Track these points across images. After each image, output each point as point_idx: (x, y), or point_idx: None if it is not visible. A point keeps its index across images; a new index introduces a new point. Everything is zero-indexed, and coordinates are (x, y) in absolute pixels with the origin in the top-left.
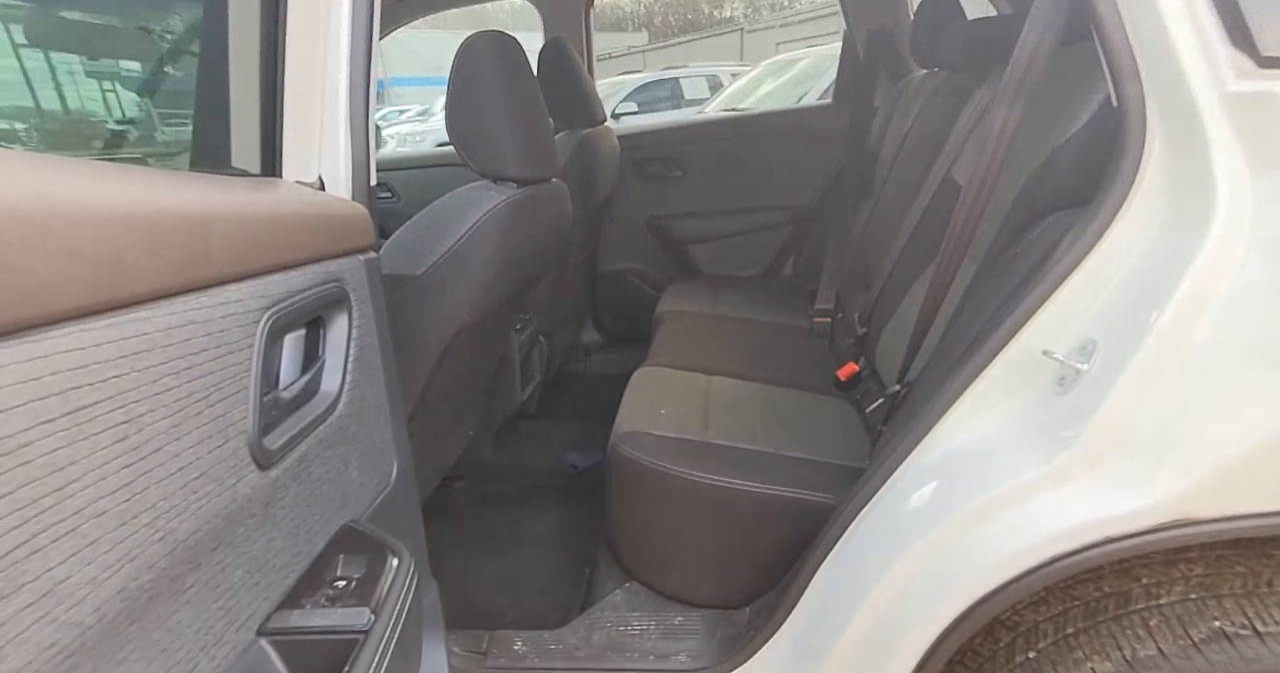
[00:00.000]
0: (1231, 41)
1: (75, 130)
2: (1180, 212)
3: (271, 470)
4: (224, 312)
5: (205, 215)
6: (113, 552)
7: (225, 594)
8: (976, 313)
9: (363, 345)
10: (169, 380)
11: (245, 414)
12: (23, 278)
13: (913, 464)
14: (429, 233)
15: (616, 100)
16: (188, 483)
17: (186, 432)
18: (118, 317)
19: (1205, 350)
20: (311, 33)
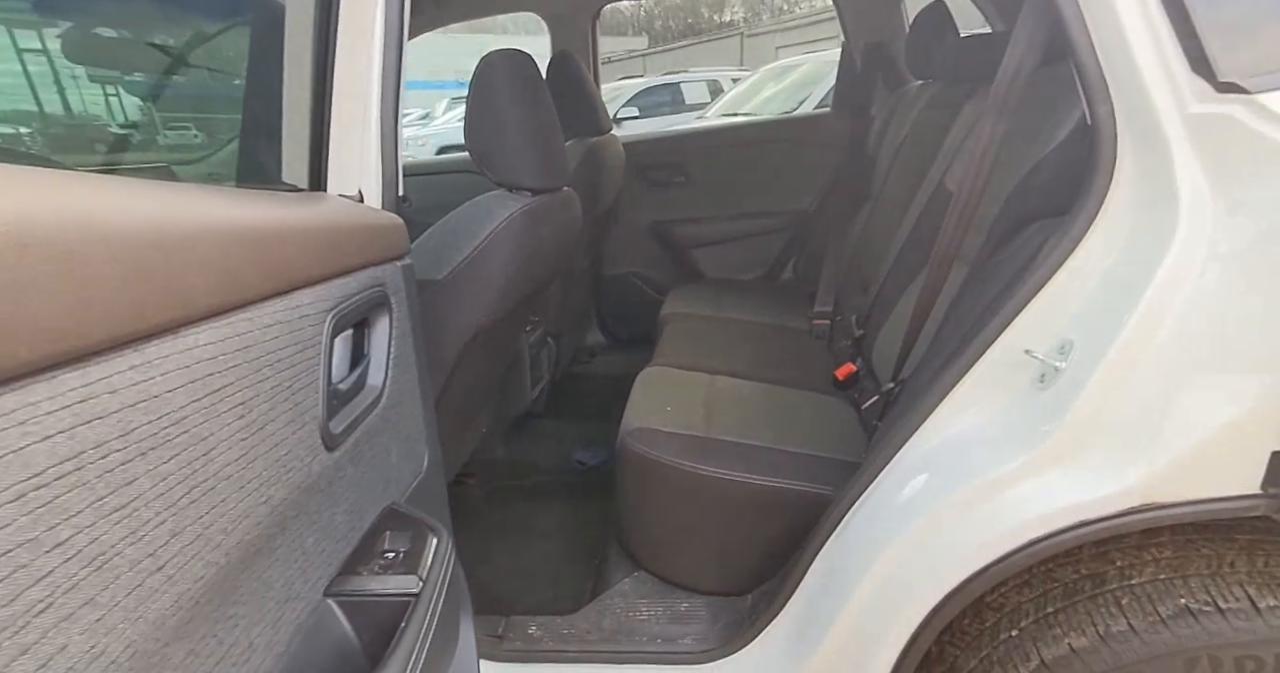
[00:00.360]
0: (1192, 68)
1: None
2: (1148, 223)
3: (335, 452)
4: (299, 313)
5: (282, 229)
6: (236, 509)
7: (301, 557)
8: (965, 315)
9: (400, 344)
10: (265, 372)
11: (316, 402)
12: (176, 287)
13: (905, 457)
14: (450, 239)
15: (618, 105)
16: (280, 458)
17: (279, 414)
18: (232, 317)
19: (1169, 350)
20: (354, 60)
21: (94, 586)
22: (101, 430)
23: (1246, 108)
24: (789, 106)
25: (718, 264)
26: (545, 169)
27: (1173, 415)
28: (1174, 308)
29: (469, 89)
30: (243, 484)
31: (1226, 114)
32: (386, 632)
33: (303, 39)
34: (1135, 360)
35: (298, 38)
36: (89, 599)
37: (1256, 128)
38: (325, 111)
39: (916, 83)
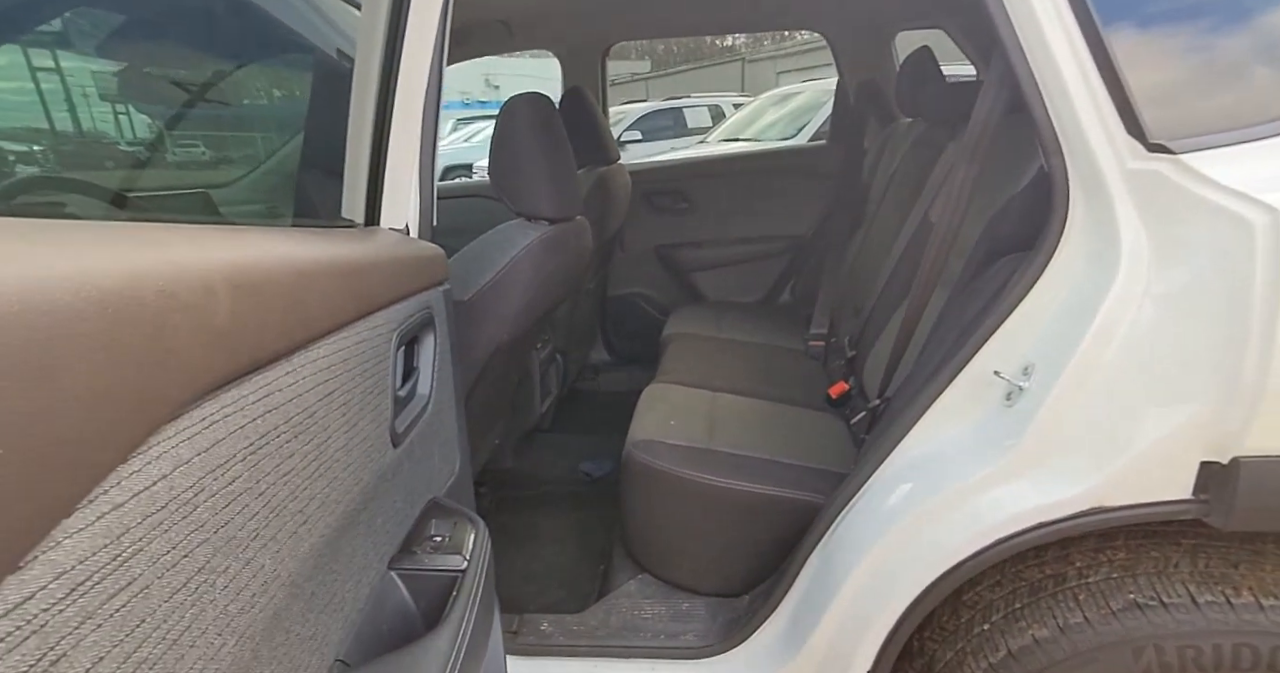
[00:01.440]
0: (1127, 130)
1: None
2: (1096, 262)
3: (398, 449)
4: (377, 332)
5: (361, 263)
6: (343, 485)
7: (373, 534)
8: (944, 337)
9: (441, 359)
10: (357, 380)
11: (387, 406)
12: (307, 311)
13: (889, 467)
14: (475, 265)
15: (622, 128)
16: (367, 449)
17: (365, 414)
18: (337, 335)
19: (1113, 374)
20: (409, 109)
21: (275, 526)
22: (276, 419)
23: (1173, 166)
24: (789, 133)
25: (718, 287)
26: (561, 200)
27: (1118, 430)
28: (1117, 338)
29: (494, 128)
30: (346, 466)
31: (1157, 171)
32: (438, 603)
33: (367, 91)
34: (1085, 382)
35: (362, 90)
36: (274, 535)
37: (1181, 183)
38: (382, 156)
39: (906, 120)
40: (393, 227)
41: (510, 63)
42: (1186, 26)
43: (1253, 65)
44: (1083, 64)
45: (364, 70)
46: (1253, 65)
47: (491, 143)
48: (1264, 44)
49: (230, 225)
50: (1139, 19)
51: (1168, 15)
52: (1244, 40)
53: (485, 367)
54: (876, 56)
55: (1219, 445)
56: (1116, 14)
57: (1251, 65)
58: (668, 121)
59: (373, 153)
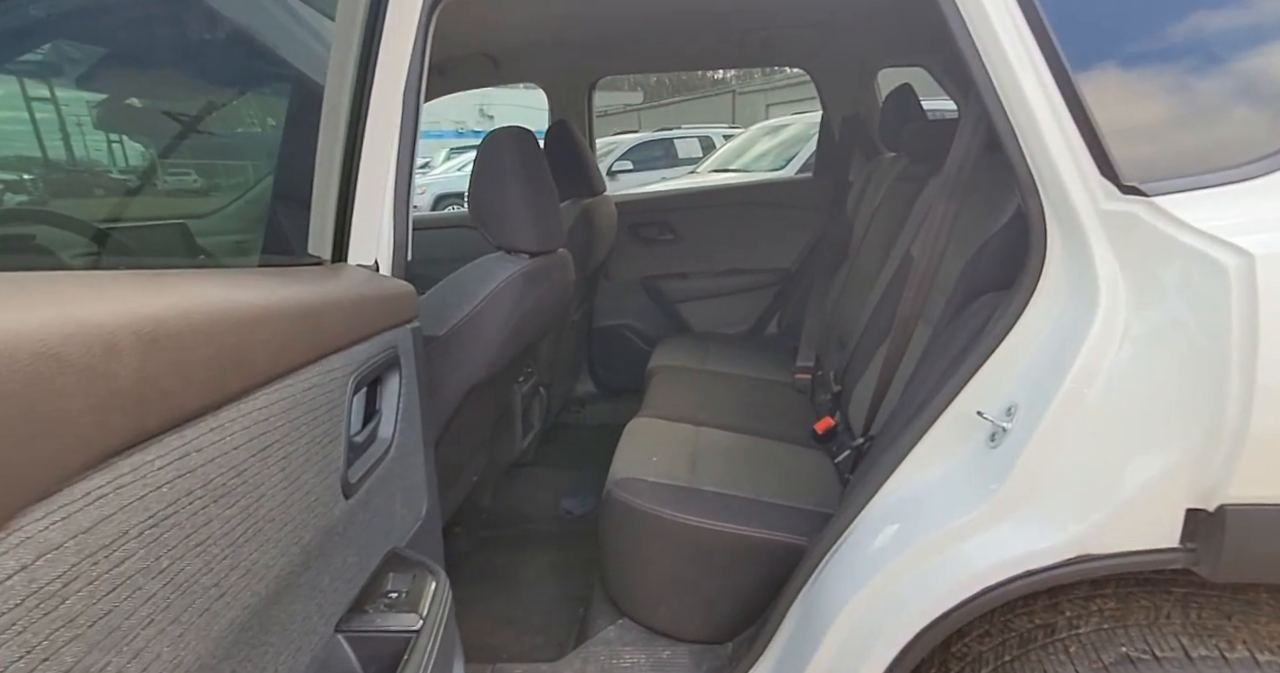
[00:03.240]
0: (1100, 172)
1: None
2: (1074, 301)
3: (351, 500)
4: (330, 377)
5: (318, 304)
6: (277, 548)
7: (318, 595)
8: (927, 376)
9: (408, 400)
10: (303, 429)
11: (339, 455)
12: (244, 360)
13: (872, 510)
14: (451, 299)
15: (613, 158)
16: (310, 504)
17: (311, 465)
18: (281, 383)
19: (1095, 416)
20: (380, 142)
21: (178, 606)
22: (191, 482)
23: (1147, 208)
24: (778, 164)
25: (705, 318)
26: (541, 233)
27: (1102, 475)
28: (1098, 379)
29: (474, 161)
30: (283, 526)
31: (1131, 213)
32: (389, 667)
33: (335, 122)
34: (1067, 424)
35: (331, 122)
36: (175, 618)
37: (1156, 226)
38: (351, 190)
39: (889, 154)
40: (361, 263)
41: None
42: (1157, 68)
43: (1224, 107)
44: (1054, 105)
45: (334, 100)
46: (1224, 107)
47: (471, 175)
48: (1235, 87)
49: (171, 270)
50: (1109, 60)
51: (1139, 57)
52: (1215, 83)
53: (461, 404)
54: (860, 92)
55: (1204, 492)
56: (1087, 55)
57: (1223, 107)
58: (659, 152)
59: (341, 187)
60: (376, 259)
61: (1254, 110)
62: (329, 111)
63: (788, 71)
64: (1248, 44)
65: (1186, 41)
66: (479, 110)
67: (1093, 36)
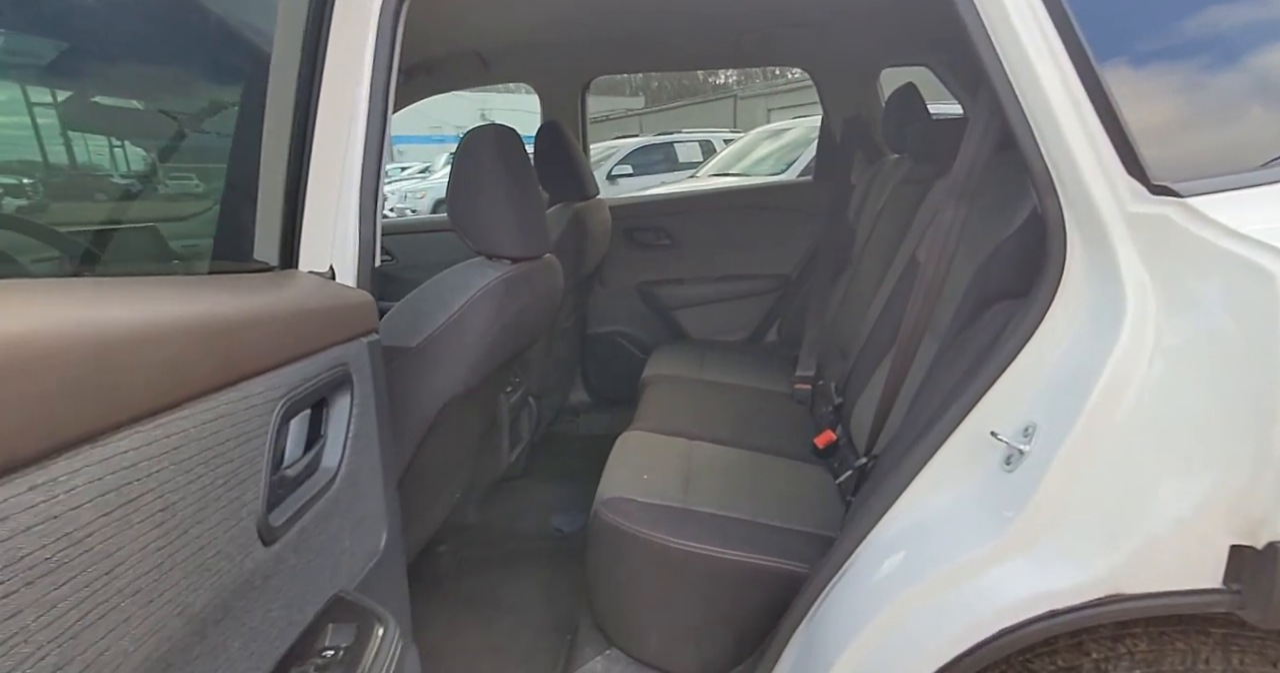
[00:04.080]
0: (1127, 171)
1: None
2: (1097, 312)
3: (274, 545)
4: (247, 404)
5: (240, 318)
6: (142, 626)
7: (224, 664)
8: (935, 391)
9: (361, 422)
10: (199, 470)
11: (257, 495)
12: (104, 393)
13: (876, 537)
14: (426, 307)
15: (614, 162)
16: (205, 561)
17: (209, 514)
18: (168, 417)
19: (1124, 438)
20: (334, 135)
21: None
22: (24, 544)
23: (1180, 210)
24: (779, 168)
25: (702, 325)
26: (525, 237)
27: (1133, 505)
28: (1127, 397)
29: (452, 161)
30: (152, 598)
31: (1162, 215)
32: None
33: (282, 112)
34: (1093, 447)
35: (277, 110)
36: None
37: (1191, 230)
38: (301, 187)
39: (893, 156)
40: (314, 269)
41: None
42: (1189, 60)
43: (1263, 101)
44: (1076, 99)
45: (279, 93)
46: (1263, 101)
47: (450, 176)
48: (1272, 79)
49: (98, 278)
50: (1137, 52)
51: (1168, 48)
52: (1251, 75)
53: (437, 421)
54: (861, 93)
55: (1250, 526)
56: (1112, 46)
57: (1262, 101)
58: (659, 156)
59: (289, 187)
60: (332, 265)
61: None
62: (274, 105)
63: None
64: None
65: (1220, 29)
66: (480, 114)
67: (1118, 24)
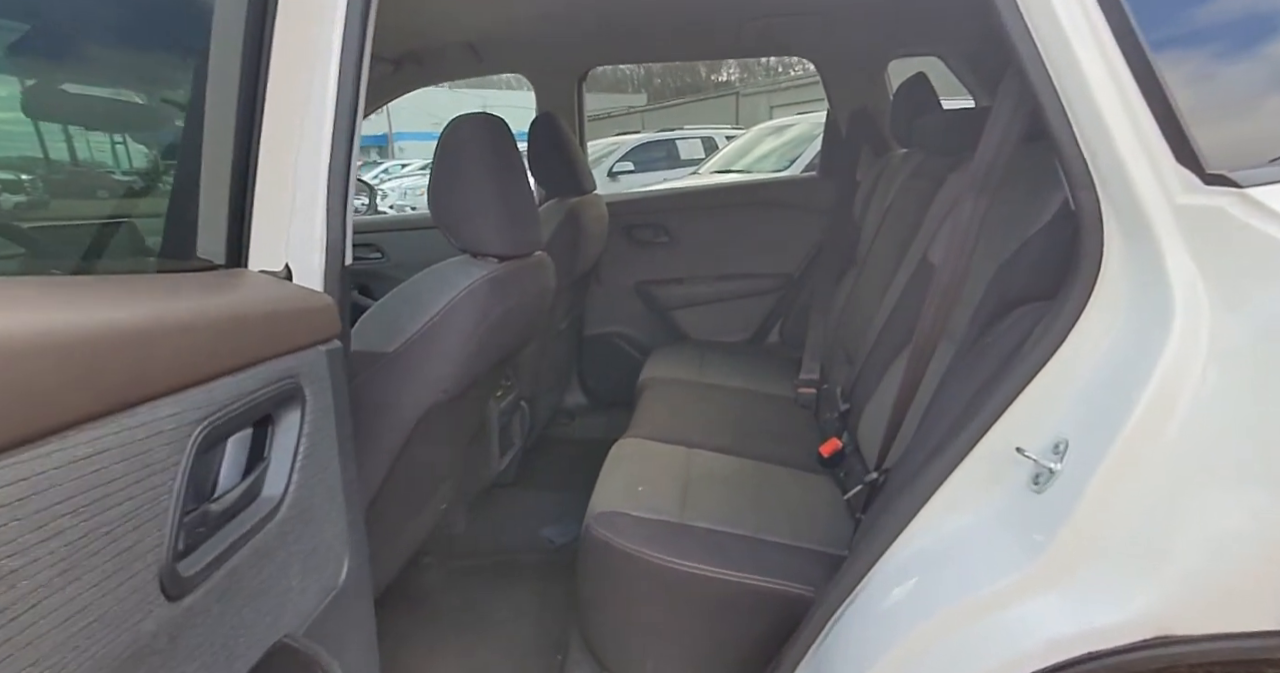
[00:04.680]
0: (1177, 158)
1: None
2: (1140, 316)
3: (185, 599)
4: (149, 430)
5: (148, 331)
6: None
7: None
8: (952, 401)
9: (315, 441)
10: (65, 520)
11: (160, 540)
12: None
13: (889, 560)
14: (404, 309)
15: (614, 159)
16: (83, 628)
17: (86, 571)
18: (17, 456)
19: (1175, 457)
20: (287, 121)
21: None
22: None
23: (1238, 201)
24: (782, 165)
25: (702, 325)
26: (512, 234)
27: (1185, 533)
28: (1178, 410)
29: (435, 153)
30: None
31: (1217, 207)
32: None
33: (225, 95)
34: (1139, 467)
35: (219, 97)
36: None
37: (1251, 224)
38: (249, 178)
39: (901, 150)
40: (266, 268)
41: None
42: (1249, 33)
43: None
44: (1119, 79)
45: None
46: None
47: (432, 169)
48: None
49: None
50: (1189, 25)
51: (1225, 21)
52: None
53: (417, 429)
54: (869, 84)
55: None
56: (1160, 18)
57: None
58: (661, 153)
59: (235, 176)
60: (288, 264)
61: None
62: (216, 87)
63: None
64: None
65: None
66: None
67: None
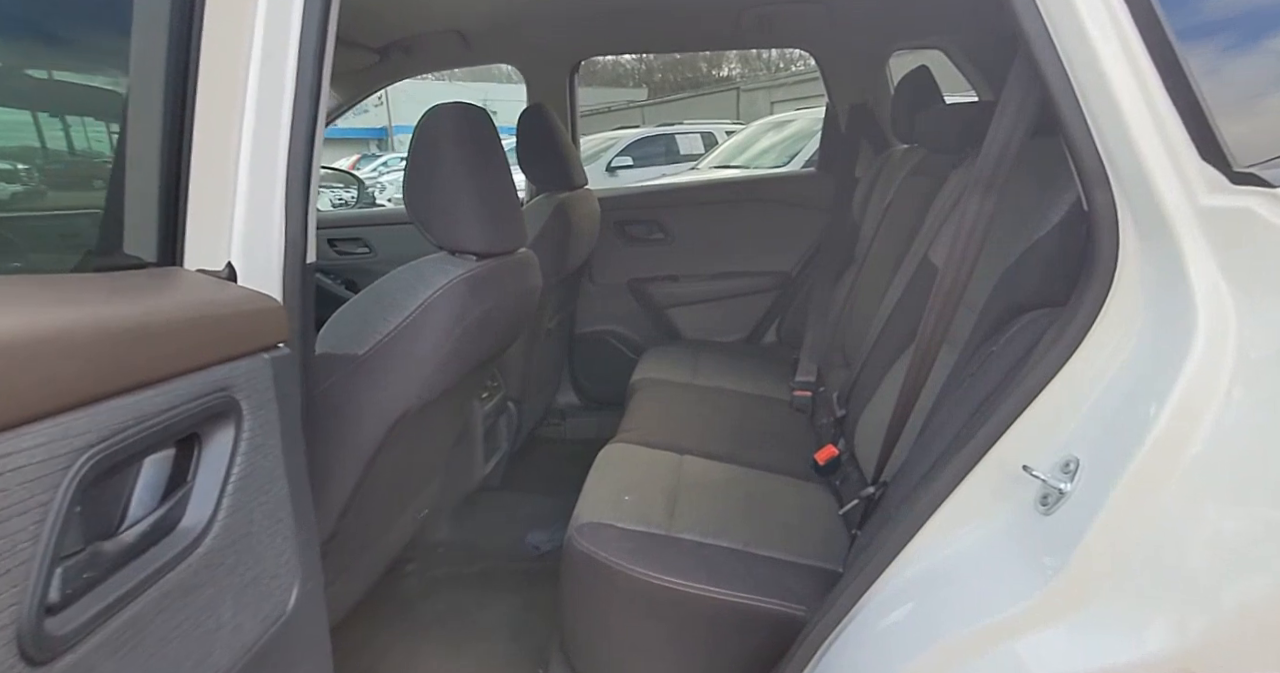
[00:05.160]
0: (1201, 155)
1: None
2: (1159, 325)
3: (58, 662)
4: (9, 464)
5: (17, 345)
6: None
7: None
8: (953, 412)
9: (256, 459)
10: None
11: (19, 597)
12: None
13: (886, 583)
14: (375, 309)
15: (613, 153)
16: None
17: None
18: None
19: (1200, 479)
20: (228, 99)
21: None
22: None
23: (1269, 202)
24: (782, 160)
25: (697, 325)
26: (493, 230)
27: (1210, 564)
28: (1202, 429)
29: (410, 144)
30: None
31: (1246, 208)
32: None
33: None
34: (1157, 490)
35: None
36: None
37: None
38: (183, 168)
39: (902, 146)
40: (205, 267)
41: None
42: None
43: None
44: (1139, 67)
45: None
46: None
47: (407, 161)
48: None
49: None
50: (1217, 8)
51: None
52: None
53: (388, 438)
54: (869, 78)
55: None
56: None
57: None
58: (660, 148)
59: (165, 164)
60: (231, 262)
61: None
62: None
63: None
64: None
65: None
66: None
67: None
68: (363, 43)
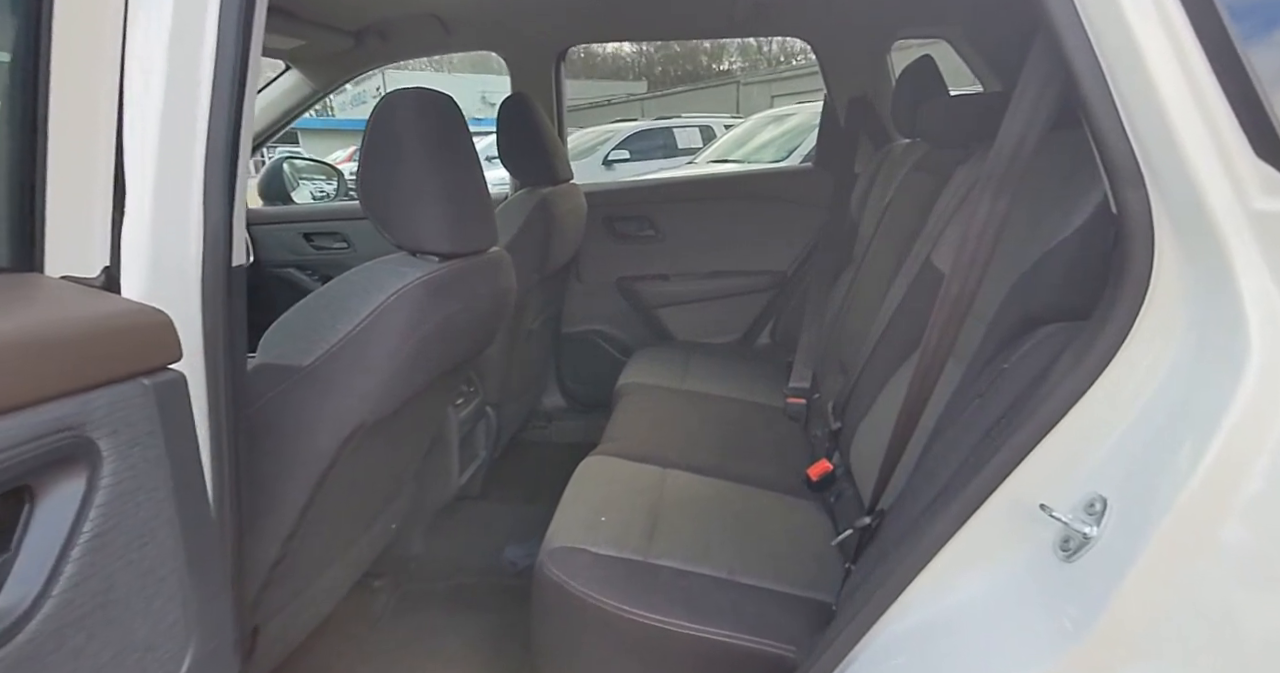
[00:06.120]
0: (1256, 153)
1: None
2: (1203, 346)
3: None
4: None
5: None
6: None
7: None
8: (960, 437)
9: (122, 509)
10: None
11: None
12: None
13: (883, 630)
14: (323, 315)
15: (610, 146)
16: None
17: None
18: None
19: (1249, 534)
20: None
21: None
22: None
23: None
24: (781, 155)
25: (688, 325)
26: (458, 229)
27: (1269, 633)
28: (1256, 469)
29: (364, 133)
30: None
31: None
32: None
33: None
34: (1201, 542)
35: None
36: None
37: None
38: (38, 141)
39: (903, 141)
40: (72, 274)
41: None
42: None
43: None
44: (1182, 51)
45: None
46: None
47: (360, 153)
48: None
49: None
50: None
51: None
52: None
53: (341, 454)
54: (870, 69)
55: None
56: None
57: None
58: (658, 141)
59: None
60: (109, 267)
61: None
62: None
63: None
64: None
65: None
66: (481, 97)
67: None
68: (336, 26)
